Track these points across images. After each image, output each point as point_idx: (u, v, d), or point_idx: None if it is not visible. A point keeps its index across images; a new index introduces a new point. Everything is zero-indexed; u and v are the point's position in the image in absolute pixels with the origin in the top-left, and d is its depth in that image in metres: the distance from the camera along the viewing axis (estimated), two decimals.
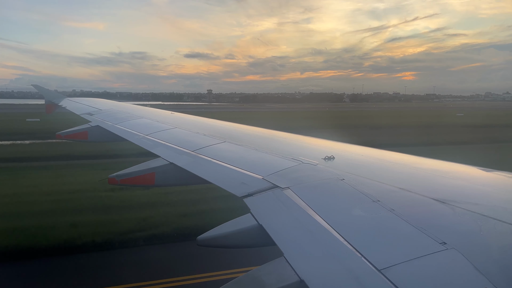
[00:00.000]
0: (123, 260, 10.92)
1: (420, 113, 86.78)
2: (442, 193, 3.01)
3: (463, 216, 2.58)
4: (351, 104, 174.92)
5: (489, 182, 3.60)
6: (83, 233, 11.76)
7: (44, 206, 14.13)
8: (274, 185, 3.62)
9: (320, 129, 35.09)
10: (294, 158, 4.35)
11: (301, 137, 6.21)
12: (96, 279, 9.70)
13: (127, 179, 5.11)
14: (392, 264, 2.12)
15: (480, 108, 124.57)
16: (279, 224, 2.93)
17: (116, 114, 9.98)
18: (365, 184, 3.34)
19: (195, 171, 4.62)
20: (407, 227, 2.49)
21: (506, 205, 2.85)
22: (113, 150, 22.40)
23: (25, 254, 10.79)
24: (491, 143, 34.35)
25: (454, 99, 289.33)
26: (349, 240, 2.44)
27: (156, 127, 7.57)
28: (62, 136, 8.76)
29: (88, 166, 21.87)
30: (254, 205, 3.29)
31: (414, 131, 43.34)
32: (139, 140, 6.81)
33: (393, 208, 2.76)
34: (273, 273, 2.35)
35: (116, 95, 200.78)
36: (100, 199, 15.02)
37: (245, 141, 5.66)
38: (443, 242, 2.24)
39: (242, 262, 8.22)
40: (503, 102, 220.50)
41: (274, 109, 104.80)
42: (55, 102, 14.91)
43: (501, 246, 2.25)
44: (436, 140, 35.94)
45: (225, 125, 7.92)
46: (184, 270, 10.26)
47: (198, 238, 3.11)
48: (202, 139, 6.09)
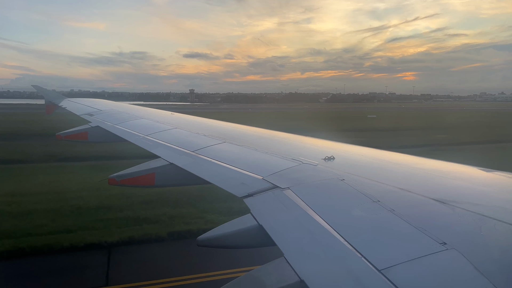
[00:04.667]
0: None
1: (343, 114, 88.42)
2: (442, 193, 3.01)
3: (463, 216, 2.58)
4: (323, 105, 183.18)
5: (489, 182, 3.60)
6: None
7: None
8: (274, 185, 3.62)
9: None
10: (294, 159, 4.35)
11: (301, 137, 6.20)
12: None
13: (127, 179, 5.11)
14: (392, 264, 2.12)
15: (444, 109, 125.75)
16: (279, 224, 2.93)
17: (116, 114, 9.98)
18: (365, 184, 3.34)
19: (195, 172, 4.62)
20: (407, 227, 2.50)
21: (506, 205, 2.84)
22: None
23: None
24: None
25: (446, 99, 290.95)
26: (349, 240, 2.44)
27: (156, 127, 7.57)
28: (62, 136, 8.74)
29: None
30: (254, 206, 3.29)
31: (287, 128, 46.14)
32: (139, 141, 6.81)
33: (393, 208, 2.76)
34: (273, 273, 2.35)
35: (104, 94, 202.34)
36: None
37: (245, 142, 5.66)
38: (443, 242, 2.24)
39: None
40: (494, 102, 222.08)
41: (241, 109, 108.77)
42: (55, 102, 14.90)
43: (501, 246, 2.25)
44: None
45: (225, 125, 7.92)
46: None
47: (198, 238, 3.11)
48: (202, 140, 6.09)
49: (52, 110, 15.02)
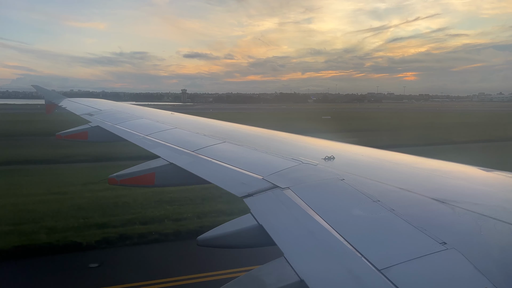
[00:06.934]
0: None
1: (302, 115, 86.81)
2: (442, 193, 3.01)
3: (463, 216, 2.58)
4: (303, 105, 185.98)
5: (489, 182, 3.60)
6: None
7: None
8: (274, 185, 3.62)
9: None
10: (294, 158, 4.35)
11: (301, 137, 6.20)
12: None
13: (127, 179, 5.11)
14: (392, 264, 2.12)
15: (426, 110, 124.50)
16: (279, 224, 2.93)
17: (116, 114, 9.98)
18: (365, 184, 3.34)
19: (195, 171, 4.62)
20: (407, 227, 2.49)
21: (506, 205, 2.84)
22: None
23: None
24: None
25: (444, 100, 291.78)
26: (349, 240, 2.44)
27: (156, 127, 7.57)
28: (62, 136, 8.75)
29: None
30: (254, 205, 3.29)
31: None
32: (139, 140, 6.81)
33: (393, 208, 2.76)
34: (273, 273, 2.35)
35: (99, 94, 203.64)
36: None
37: (245, 141, 5.66)
38: (443, 242, 2.24)
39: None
40: (489, 102, 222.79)
41: (228, 109, 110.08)
42: (55, 102, 14.90)
43: (501, 246, 2.25)
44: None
45: (225, 125, 7.92)
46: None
47: (198, 238, 3.11)
48: (202, 139, 6.09)
49: (52, 110, 15.03)
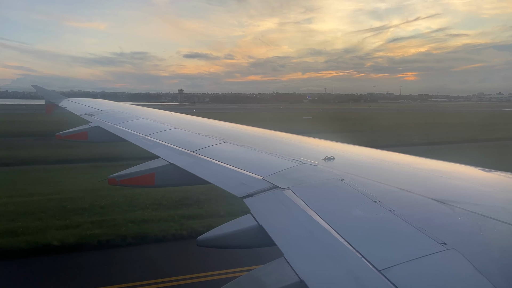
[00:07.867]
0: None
1: (286, 115, 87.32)
2: (442, 193, 3.01)
3: (463, 216, 2.58)
4: (297, 105, 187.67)
5: (489, 182, 3.60)
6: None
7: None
8: (274, 185, 3.62)
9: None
10: (294, 159, 4.35)
11: (301, 138, 6.20)
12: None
13: (127, 179, 5.11)
14: (392, 265, 2.12)
15: (417, 110, 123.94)
16: (279, 224, 2.93)
17: (116, 114, 9.98)
18: (365, 184, 3.33)
19: (195, 172, 4.62)
20: (407, 228, 2.49)
21: (506, 205, 2.84)
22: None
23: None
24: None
25: (443, 100, 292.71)
26: (349, 240, 2.44)
27: (156, 127, 7.57)
28: (62, 136, 8.75)
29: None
30: (254, 206, 3.29)
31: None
32: (139, 141, 6.80)
33: (393, 209, 2.76)
34: (273, 273, 2.35)
35: (98, 95, 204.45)
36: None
37: (245, 142, 5.66)
38: (443, 243, 2.24)
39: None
40: (488, 102, 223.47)
41: (223, 109, 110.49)
42: (55, 102, 14.90)
43: (501, 246, 2.25)
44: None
45: (225, 125, 7.92)
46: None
47: (198, 238, 3.11)
48: (202, 140, 6.08)
49: (52, 110, 15.03)
